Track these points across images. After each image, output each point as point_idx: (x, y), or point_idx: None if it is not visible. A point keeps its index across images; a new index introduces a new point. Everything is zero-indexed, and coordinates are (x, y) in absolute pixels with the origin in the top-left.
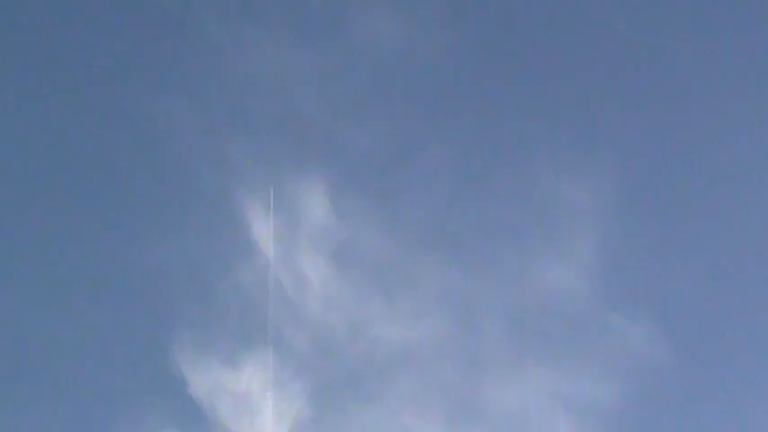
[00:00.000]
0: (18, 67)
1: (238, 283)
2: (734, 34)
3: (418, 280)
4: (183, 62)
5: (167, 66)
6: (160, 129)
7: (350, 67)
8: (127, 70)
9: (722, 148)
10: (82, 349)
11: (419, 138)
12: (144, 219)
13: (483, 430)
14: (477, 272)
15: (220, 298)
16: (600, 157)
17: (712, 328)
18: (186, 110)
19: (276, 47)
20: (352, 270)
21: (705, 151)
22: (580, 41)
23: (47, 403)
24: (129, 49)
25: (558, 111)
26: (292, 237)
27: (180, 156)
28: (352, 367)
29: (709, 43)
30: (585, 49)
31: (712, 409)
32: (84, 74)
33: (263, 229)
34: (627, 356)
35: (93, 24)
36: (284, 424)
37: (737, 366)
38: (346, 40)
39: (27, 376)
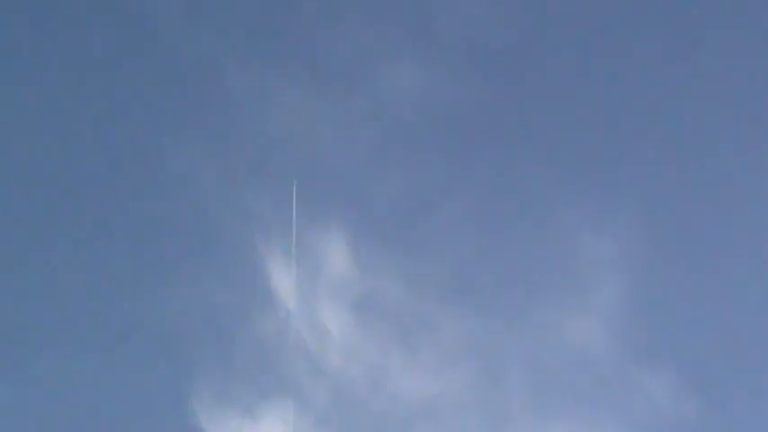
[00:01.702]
0: (44, 119)
1: (258, 333)
2: (751, 87)
3: (440, 332)
4: (207, 114)
5: (192, 118)
6: (183, 180)
7: (372, 119)
8: (153, 124)
9: (746, 197)
10: (102, 399)
11: (441, 189)
12: (166, 269)
13: None
14: (499, 324)
15: (240, 348)
16: (622, 209)
17: (737, 383)
18: (210, 161)
19: (299, 99)
20: (373, 321)
21: (729, 201)
22: (601, 94)
23: None
24: (156, 103)
25: (579, 162)
26: (313, 287)
27: (202, 206)
28: (372, 421)
29: (726, 89)
30: (607, 101)
31: None
32: (112, 127)
33: (284, 279)
34: (651, 411)
35: (120, 80)
36: None
37: (763, 423)
38: (369, 92)
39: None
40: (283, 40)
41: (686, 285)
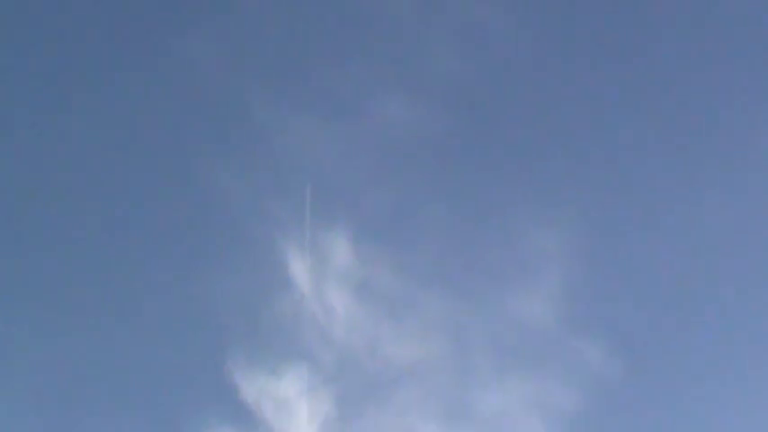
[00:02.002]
0: (109, 144)
1: (279, 311)
2: (680, 106)
3: (421, 310)
4: (237, 139)
5: (224, 142)
6: (218, 192)
7: (370, 142)
8: (193, 148)
9: (658, 207)
10: (156, 365)
11: (422, 198)
12: (206, 260)
13: (472, 428)
14: (467, 303)
15: (265, 323)
16: (564, 213)
17: (654, 349)
18: (239, 176)
19: (312, 126)
20: (369, 302)
21: (646, 201)
22: (546, 125)
23: (130, 409)
24: (196, 131)
25: (530, 176)
26: (322, 275)
27: (234, 212)
28: (368, 378)
29: (651, 110)
30: (549, 130)
31: (653, 414)
32: (163, 152)
33: (299, 268)
34: (585, 371)
35: (166, 112)
36: (316, 422)
37: (676, 379)
38: (366, 120)
39: (114, 390)
40: (298, 79)
41: (613, 271)
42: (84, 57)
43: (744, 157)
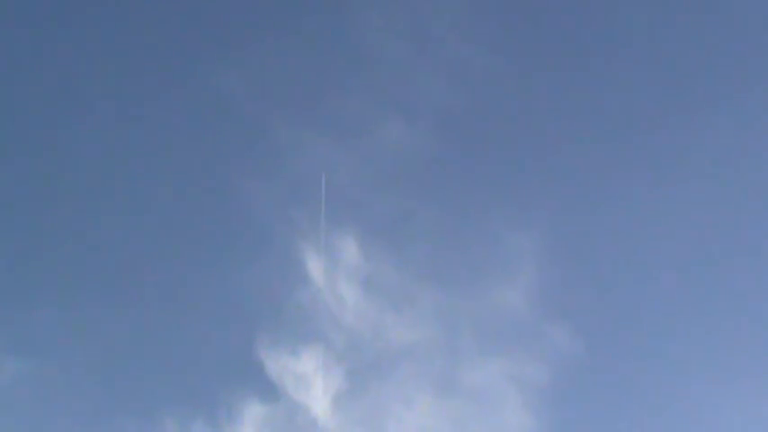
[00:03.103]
0: (144, 159)
1: (298, 301)
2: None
3: (417, 300)
4: (260, 156)
5: (251, 160)
6: (245, 201)
7: (373, 159)
8: (223, 163)
9: (618, 208)
10: (195, 346)
11: (418, 206)
12: (236, 260)
13: (460, 400)
14: (455, 295)
15: (286, 311)
16: (536, 216)
17: (613, 333)
18: (263, 187)
19: (323, 145)
20: (373, 294)
21: (607, 210)
22: (523, 147)
23: (172, 385)
24: (224, 149)
25: (508, 186)
26: (334, 271)
27: (259, 219)
28: (373, 358)
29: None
30: (527, 152)
31: (612, 386)
32: (198, 170)
33: (315, 265)
34: (554, 350)
35: (198, 134)
36: (329, 394)
37: (630, 356)
38: (371, 141)
39: (159, 366)
40: (314, 105)
41: (579, 267)
42: (130, 84)
43: (701, 155)
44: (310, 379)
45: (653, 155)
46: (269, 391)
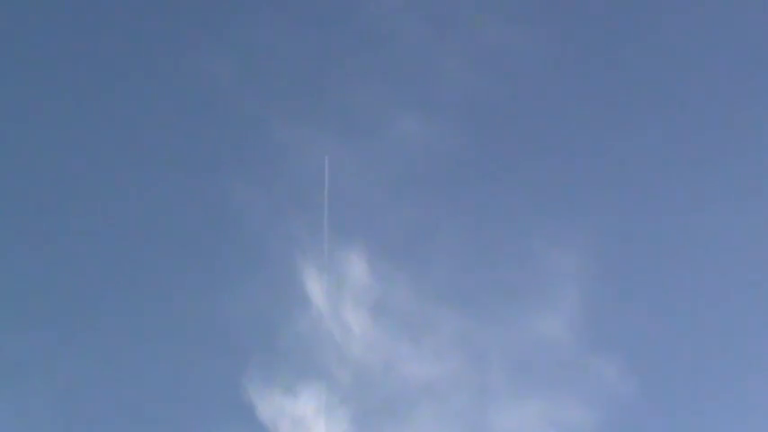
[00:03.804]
0: (120, 158)
1: (297, 329)
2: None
3: (438, 328)
4: (254, 157)
5: (245, 161)
6: (236, 210)
7: (386, 162)
8: (211, 164)
9: (672, 226)
10: (173, 382)
11: (438, 216)
12: (223, 279)
13: None
14: (484, 322)
15: (283, 340)
16: (581, 231)
17: (671, 369)
18: (256, 194)
19: (329, 146)
20: (385, 320)
21: (661, 230)
22: (563, 144)
23: (148, 426)
24: (212, 148)
25: (546, 194)
26: (339, 293)
27: (251, 230)
28: (385, 397)
29: (666, 133)
30: (567, 149)
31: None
32: (178, 166)
33: (317, 287)
34: (602, 390)
35: (191, 133)
36: None
37: (690, 397)
38: (382, 139)
39: (132, 407)
40: (316, 101)
41: (629, 292)
42: (107, 74)
43: (759, 177)
44: (310, 423)
45: (718, 163)
46: None
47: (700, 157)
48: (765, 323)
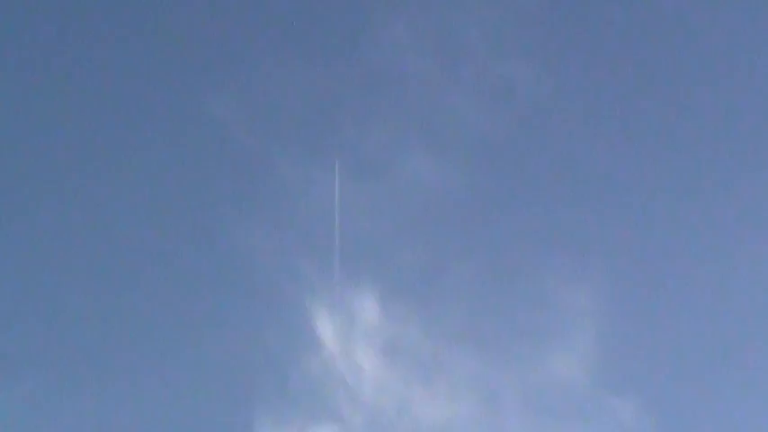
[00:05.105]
0: (128, 200)
1: (308, 370)
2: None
3: (451, 369)
4: (263, 197)
5: (253, 200)
6: (246, 250)
7: (396, 201)
8: (220, 205)
9: (689, 264)
10: (187, 426)
11: (450, 255)
12: (233, 320)
13: None
14: (498, 362)
15: (293, 382)
16: (595, 269)
17: (688, 409)
18: (266, 235)
19: (334, 183)
20: (398, 361)
21: (677, 268)
22: (572, 179)
23: None
24: (221, 189)
25: (561, 233)
26: (351, 334)
27: (261, 271)
28: None
29: (680, 163)
30: (577, 185)
31: None
32: (186, 207)
33: (327, 327)
34: (618, 429)
35: (196, 171)
36: None
37: None
38: (392, 178)
39: None
40: (323, 138)
41: (645, 331)
42: (113, 118)
43: None
44: None
45: (740, 200)
46: None
47: (719, 195)
48: None
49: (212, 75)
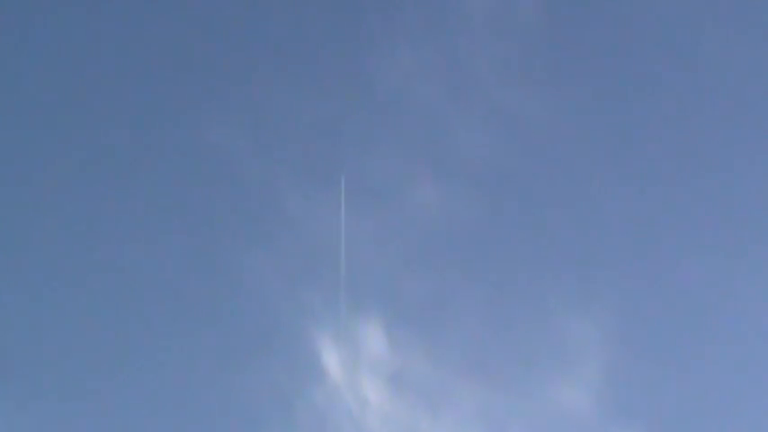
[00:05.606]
0: (130, 231)
1: (312, 401)
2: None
3: (457, 400)
4: (268, 225)
5: (256, 229)
6: (249, 280)
7: (402, 231)
8: (223, 233)
9: (697, 292)
10: None
11: (456, 286)
12: (237, 352)
13: None
14: (504, 392)
15: (298, 413)
16: (601, 298)
17: None
18: (270, 265)
19: (338, 212)
20: (404, 392)
21: (684, 296)
22: (581, 208)
23: None
24: (223, 219)
25: (568, 262)
26: (355, 365)
27: (264, 301)
28: None
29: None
30: (588, 216)
31: None
32: (189, 238)
33: (332, 358)
34: None
35: (201, 203)
36: None
37: None
38: (398, 207)
39: None
40: (329, 167)
41: (651, 360)
42: (115, 143)
43: None
44: None
45: (748, 227)
46: None
47: (734, 224)
48: None
49: (214, 101)
